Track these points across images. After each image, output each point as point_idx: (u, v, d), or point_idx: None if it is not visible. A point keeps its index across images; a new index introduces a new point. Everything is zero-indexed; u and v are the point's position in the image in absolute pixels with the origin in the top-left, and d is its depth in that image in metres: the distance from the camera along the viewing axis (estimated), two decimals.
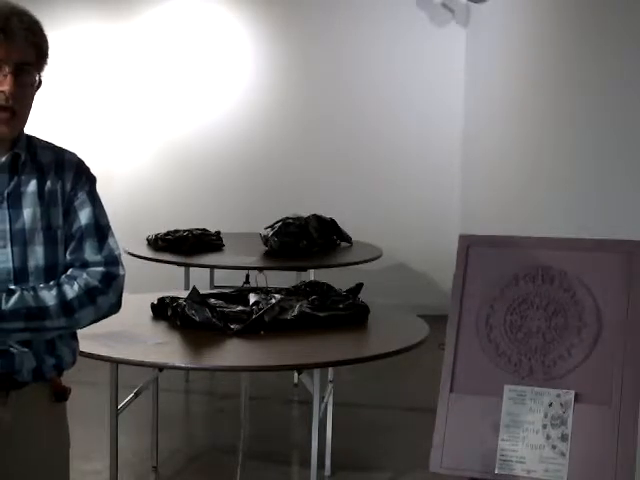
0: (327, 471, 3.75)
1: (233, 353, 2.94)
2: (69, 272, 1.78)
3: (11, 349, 1.72)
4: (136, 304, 3.40)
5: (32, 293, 1.70)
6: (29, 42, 1.71)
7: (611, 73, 3.69)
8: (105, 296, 1.79)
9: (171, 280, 5.13)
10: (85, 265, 1.79)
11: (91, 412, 3.95)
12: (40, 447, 1.83)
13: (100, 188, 1.94)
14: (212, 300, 3.25)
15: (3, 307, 1.66)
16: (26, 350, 1.74)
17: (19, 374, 1.75)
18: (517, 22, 5.40)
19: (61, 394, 1.86)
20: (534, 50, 4.99)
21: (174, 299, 3.23)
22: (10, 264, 1.72)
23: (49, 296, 1.71)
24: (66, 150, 1.87)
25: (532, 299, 2.32)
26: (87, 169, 1.88)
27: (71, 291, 1.74)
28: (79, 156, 1.89)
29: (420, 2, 6.73)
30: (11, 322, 1.67)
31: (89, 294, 1.76)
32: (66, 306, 1.73)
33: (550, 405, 2.21)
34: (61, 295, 1.73)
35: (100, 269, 1.79)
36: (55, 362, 1.81)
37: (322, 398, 3.38)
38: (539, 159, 4.80)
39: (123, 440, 3.31)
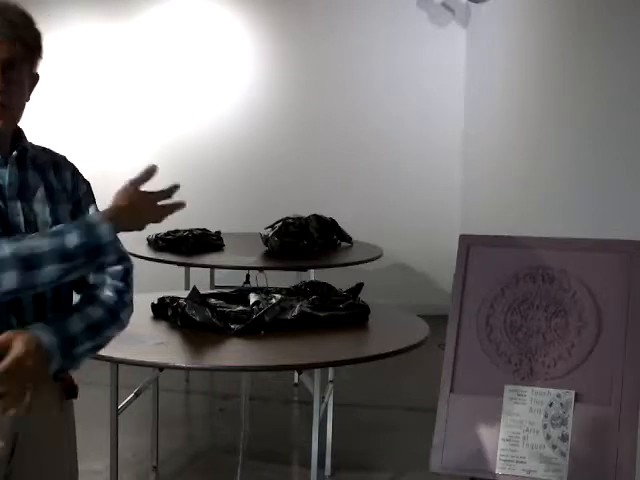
0: (327, 471, 3.75)
1: (233, 353, 2.93)
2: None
3: None
4: (136, 304, 3.39)
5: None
6: (15, 38, 1.70)
7: (611, 73, 3.69)
8: (131, 293, 1.88)
9: (171, 280, 5.13)
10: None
11: (91, 412, 3.94)
12: (52, 447, 1.84)
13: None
14: (212, 300, 3.24)
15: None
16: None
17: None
18: (517, 22, 5.40)
19: (72, 391, 1.87)
20: (534, 50, 4.99)
21: (174, 299, 3.22)
22: None
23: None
24: (57, 153, 1.89)
25: (532, 299, 2.32)
26: (79, 171, 1.91)
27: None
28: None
29: (420, 2, 6.73)
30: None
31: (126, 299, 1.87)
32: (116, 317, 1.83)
33: (550, 405, 2.21)
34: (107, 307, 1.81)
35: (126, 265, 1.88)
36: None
37: (322, 398, 3.38)
38: (539, 159, 4.80)
39: (123, 440, 3.31)
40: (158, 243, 4.92)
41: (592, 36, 3.99)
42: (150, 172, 1.78)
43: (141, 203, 1.75)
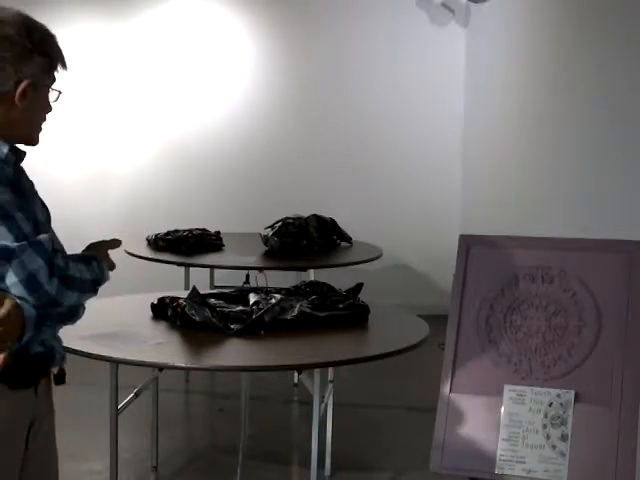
0: (327, 471, 3.75)
1: (233, 353, 2.93)
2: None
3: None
4: (136, 304, 3.40)
5: None
6: None
7: (611, 73, 3.70)
8: None
9: (171, 280, 5.13)
10: None
11: (91, 412, 3.95)
12: (48, 431, 1.93)
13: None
14: (212, 300, 3.24)
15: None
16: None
17: (54, 357, 1.84)
18: (517, 22, 5.40)
19: (62, 377, 1.92)
20: (534, 50, 4.99)
21: (174, 299, 3.22)
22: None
23: None
24: None
25: (532, 299, 2.32)
26: None
27: None
28: None
29: (420, 2, 6.72)
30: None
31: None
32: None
33: (550, 405, 2.21)
34: None
35: None
36: (61, 344, 1.91)
37: (322, 398, 3.38)
38: (539, 159, 4.80)
39: (123, 440, 3.31)
40: (158, 243, 4.91)
41: (592, 36, 3.99)
42: (118, 244, 1.98)
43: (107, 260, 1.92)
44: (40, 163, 6.97)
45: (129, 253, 4.72)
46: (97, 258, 1.86)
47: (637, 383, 2.14)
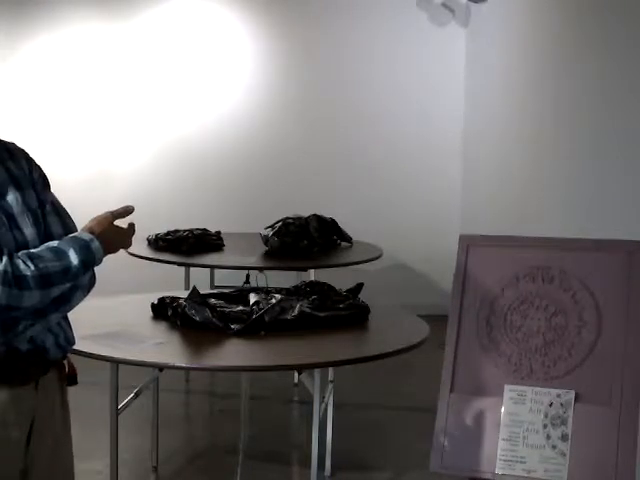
0: (327, 471, 3.75)
1: (233, 353, 2.93)
2: None
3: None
4: (136, 304, 3.41)
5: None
6: None
7: (611, 72, 3.70)
8: None
9: (171, 280, 5.13)
10: None
11: (91, 412, 3.94)
12: (56, 431, 1.90)
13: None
14: (212, 300, 3.24)
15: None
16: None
17: (47, 350, 1.80)
18: (517, 22, 5.41)
19: (73, 377, 1.92)
20: (534, 50, 4.99)
21: (174, 299, 3.22)
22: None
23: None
24: (6, 140, 1.90)
25: (532, 299, 2.32)
26: (30, 156, 1.95)
27: None
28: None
29: (420, 2, 6.72)
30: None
31: None
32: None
33: (550, 405, 2.21)
34: None
35: None
36: (64, 335, 1.87)
37: (322, 398, 3.38)
38: (539, 159, 4.80)
39: (123, 440, 3.31)
40: (158, 243, 4.92)
41: (592, 36, 3.99)
42: (128, 211, 1.98)
43: (114, 231, 1.92)
44: (40, 163, 6.99)
45: (129, 253, 4.72)
46: (77, 242, 1.77)
47: (637, 383, 2.14)
